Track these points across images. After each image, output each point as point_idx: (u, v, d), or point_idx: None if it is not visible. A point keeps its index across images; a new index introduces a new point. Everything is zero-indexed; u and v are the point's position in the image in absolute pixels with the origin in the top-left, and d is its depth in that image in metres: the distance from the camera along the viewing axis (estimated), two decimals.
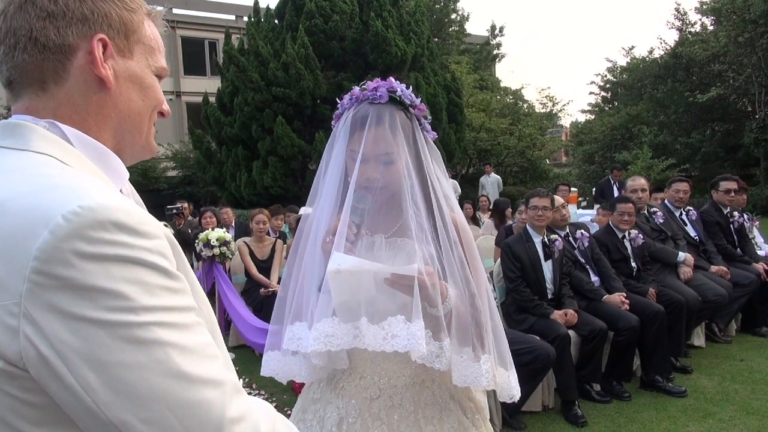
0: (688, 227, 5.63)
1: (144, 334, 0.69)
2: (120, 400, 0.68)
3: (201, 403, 0.72)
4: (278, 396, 4.37)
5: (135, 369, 0.69)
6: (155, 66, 0.92)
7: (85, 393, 0.68)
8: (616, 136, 19.54)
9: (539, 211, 4.18)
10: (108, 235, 0.69)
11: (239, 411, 0.75)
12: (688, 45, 17.08)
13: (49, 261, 0.67)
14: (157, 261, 0.73)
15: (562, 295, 4.20)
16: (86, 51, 0.83)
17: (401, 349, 1.39)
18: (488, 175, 15.12)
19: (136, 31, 0.89)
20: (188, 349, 0.73)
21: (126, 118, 0.89)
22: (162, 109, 0.96)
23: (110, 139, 0.89)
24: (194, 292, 0.83)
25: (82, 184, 0.74)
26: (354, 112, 1.55)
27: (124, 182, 0.91)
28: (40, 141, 0.80)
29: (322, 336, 1.42)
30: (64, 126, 0.83)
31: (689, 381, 4.41)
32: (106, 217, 0.70)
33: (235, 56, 13.30)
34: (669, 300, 4.54)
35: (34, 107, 0.84)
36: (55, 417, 0.72)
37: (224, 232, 5.71)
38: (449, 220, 1.55)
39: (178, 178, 21.00)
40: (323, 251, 1.49)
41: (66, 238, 0.67)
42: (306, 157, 13.22)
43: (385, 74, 1.84)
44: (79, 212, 0.68)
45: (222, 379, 0.75)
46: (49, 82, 0.84)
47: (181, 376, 0.71)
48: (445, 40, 25.95)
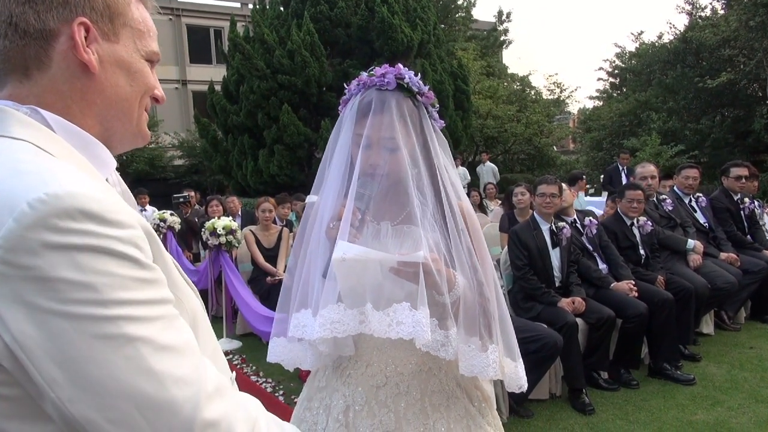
0: (698, 214, 5.58)
1: (112, 328, 0.67)
2: (85, 397, 0.66)
3: (171, 404, 0.69)
4: (285, 384, 4.39)
5: (102, 365, 0.66)
6: (145, 50, 0.89)
7: (49, 388, 0.66)
8: (624, 123, 19.37)
9: (547, 198, 4.15)
10: (75, 224, 0.66)
11: (214, 414, 0.72)
12: (698, 29, 16.84)
13: (14, 250, 0.64)
14: (128, 251, 0.70)
15: (569, 282, 4.18)
16: (68, 36, 0.80)
17: (406, 336, 1.37)
18: (484, 164, 15.13)
19: (121, 14, 0.85)
20: (160, 345, 0.70)
21: (113, 104, 0.86)
22: (155, 94, 0.92)
23: (96, 126, 0.86)
24: (173, 283, 0.80)
25: (51, 171, 0.71)
26: (361, 97, 1.53)
27: (110, 171, 0.88)
28: (17, 126, 0.77)
29: (327, 322, 1.41)
30: (45, 112, 0.81)
31: (698, 369, 4.39)
32: (74, 205, 0.67)
33: (241, 44, 13.24)
34: (678, 287, 4.51)
35: (17, 94, 0.82)
36: (26, 410, 0.70)
37: (230, 220, 5.71)
38: (457, 209, 1.53)
39: (184, 167, 21.04)
40: (328, 237, 1.48)
41: (31, 226, 0.65)
42: (312, 145, 13.19)
43: (392, 61, 1.81)
44: (45, 199, 0.66)
45: (197, 378, 0.72)
46: (32, 69, 0.81)
47: (151, 374, 0.68)
48: (451, 26, 25.73)
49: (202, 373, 0.73)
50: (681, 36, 17.77)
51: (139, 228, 0.74)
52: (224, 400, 0.75)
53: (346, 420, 1.52)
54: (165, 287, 0.75)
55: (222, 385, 0.76)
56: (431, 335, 1.40)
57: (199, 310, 0.88)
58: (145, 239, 0.74)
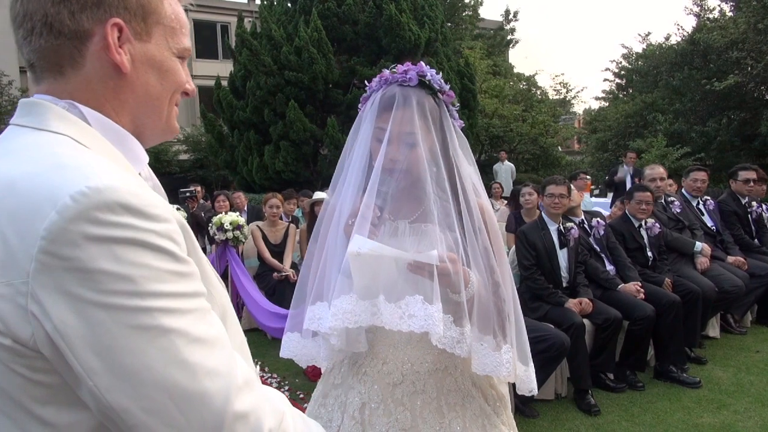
0: (705, 217, 5.57)
1: (148, 320, 0.68)
2: (121, 386, 0.67)
3: (203, 395, 0.70)
4: (290, 380, 4.40)
5: (137, 355, 0.67)
6: (177, 47, 0.90)
7: (87, 376, 0.67)
8: (630, 124, 19.30)
9: (555, 199, 4.15)
10: (115, 217, 0.68)
11: (244, 406, 0.73)
12: (706, 31, 16.75)
13: (56, 241, 0.66)
14: (165, 245, 0.71)
15: (576, 283, 4.18)
16: (101, 36, 0.81)
17: (417, 330, 1.38)
18: (502, 162, 15.04)
19: (154, 11, 0.85)
20: (194, 338, 0.71)
21: (144, 102, 0.87)
22: (186, 89, 0.94)
23: (129, 123, 0.87)
24: (206, 277, 0.81)
25: (91, 165, 0.72)
26: (383, 93, 1.53)
27: (143, 166, 0.90)
28: (56, 120, 0.79)
29: (340, 312, 1.42)
30: (83, 107, 0.82)
31: (704, 372, 4.38)
32: (114, 199, 0.68)
33: (248, 40, 13.23)
34: (685, 290, 4.51)
35: (53, 90, 0.83)
36: (62, 397, 0.72)
37: (237, 216, 5.72)
38: (475, 208, 1.53)
39: (190, 161, 21.07)
40: (345, 233, 1.48)
41: (73, 219, 0.66)
42: (318, 141, 13.18)
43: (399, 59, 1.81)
44: (86, 193, 0.67)
45: (228, 371, 0.73)
46: (67, 67, 0.82)
47: (184, 366, 0.69)
48: (458, 24, 25.68)
49: (232, 366, 0.74)
50: (689, 37, 17.69)
51: (175, 222, 0.75)
52: (253, 393, 0.76)
53: (362, 418, 1.53)
54: (199, 281, 0.76)
55: (251, 378, 0.77)
56: (446, 331, 1.41)
57: (228, 304, 0.89)
58: (181, 233, 0.75)
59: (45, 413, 0.72)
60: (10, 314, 0.67)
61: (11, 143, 0.79)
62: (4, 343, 0.69)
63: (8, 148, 0.78)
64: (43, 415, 0.72)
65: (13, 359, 0.70)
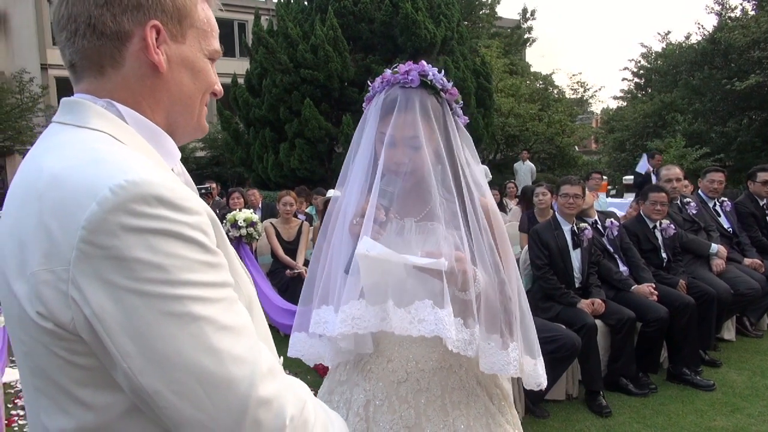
0: (722, 218, 5.49)
1: (179, 307, 0.71)
2: (153, 369, 0.71)
3: (229, 380, 0.73)
4: (302, 376, 4.43)
5: (169, 340, 0.71)
6: (208, 49, 0.94)
7: (121, 358, 0.71)
8: (648, 124, 19.09)
9: (570, 199, 4.13)
10: (151, 209, 0.71)
11: (268, 393, 0.76)
12: (728, 30, 16.50)
13: (96, 231, 0.69)
14: (197, 236, 0.75)
15: (589, 284, 4.15)
16: (140, 37, 0.85)
17: (428, 334, 1.39)
18: (523, 161, 14.95)
19: (189, 15, 0.90)
20: (222, 325, 0.74)
21: (178, 101, 0.91)
22: (214, 89, 0.97)
23: (163, 121, 0.91)
24: (233, 269, 0.84)
25: (128, 160, 0.76)
26: (385, 95, 1.54)
27: (176, 162, 0.94)
28: (96, 118, 0.83)
29: (349, 318, 1.43)
30: (120, 105, 0.86)
31: (718, 375, 4.33)
32: (150, 192, 0.72)
33: (264, 38, 13.31)
34: (700, 292, 4.46)
35: (93, 89, 0.87)
36: (99, 379, 0.76)
37: (251, 213, 5.77)
38: (480, 206, 1.54)
39: (206, 158, 21.24)
40: (351, 233, 1.49)
41: (112, 210, 0.70)
42: (333, 139, 13.23)
43: (414, 57, 1.82)
44: (124, 185, 0.71)
45: (253, 358, 0.76)
46: (107, 67, 0.86)
47: (213, 352, 0.72)
48: (475, 23, 25.58)
49: (257, 354, 0.77)
50: (709, 37, 17.45)
51: (206, 215, 0.79)
52: (277, 381, 0.79)
53: (366, 414, 1.54)
54: (227, 271, 0.80)
55: (275, 366, 0.81)
56: (458, 334, 1.42)
57: (254, 295, 0.93)
58: (211, 225, 0.79)
59: (83, 394, 0.76)
60: (52, 299, 0.72)
61: (54, 139, 0.83)
62: (47, 326, 0.73)
63: (51, 144, 0.83)
64: (81, 396, 0.76)
65: (54, 342, 0.74)
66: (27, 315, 0.74)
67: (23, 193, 0.79)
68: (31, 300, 0.73)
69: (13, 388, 4.23)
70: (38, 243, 0.73)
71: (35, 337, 0.75)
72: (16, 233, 0.77)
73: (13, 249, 0.77)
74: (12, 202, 0.81)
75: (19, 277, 0.75)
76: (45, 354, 0.76)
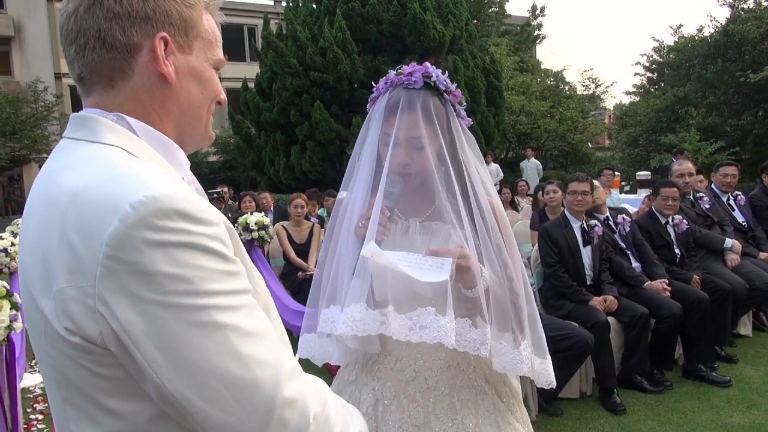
0: (736, 212, 5.44)
1: (204, 316, 0.74)
2: (181, 377, 0.73)
3: (255, 383, 0.76)
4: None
5: (196, 349, 0.73)
6: (213, 59, 0.96)
7: (151, 369, 0.73)
8: (661, 119, 18.88)
9: (578, 196, 4.11)
10: (171, 223, 0.73)
11: (292, 393, 0.78)
12: (741, 22, 16.29)
13: (120, 247, 0.71)
14: (217, 247, 0.77)
15: (601, 281, 4.13)
16: (149, 49, 0.87)
17: (429, 341, 1.40)
18: (528, 159, 14.89)
19: (194, 26, 0.91)
20: (245, 331, 0.77)
21: (186, 110, 0.93)
22: (219, 98, 0.99)
23: (172, 131, 0.93)
24: (250, 275, 0.86)
25: (146, 174, 0.78)
26: (389, 97, 1.55)
27: (186, 171, 0.96)
28: (108, 133, 0.85)
29: (350, 320, 1.44)
30: (130, 119, 0.87)
31: (734, 371, 4.29)
32: (169, 206, 0.74)
33: (274, 41, 13.37)
34: (714, 287, 4.41)
35: (103, 102, 0.89)
36: (126, 389, 0.78)
37: (263, 216, 5.80)
38: (486, 206, 1.54)
39: (218, 163, 21.39)
40: (356, 236, 1.51)
41: (134, 225, 0.72)
42: (343, 141, 13.25)
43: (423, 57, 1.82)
44: (145, 201, 0.73)
45: (276, 361, 0.78)
46: (116, 79, 0.88)
47: (238, 357, 0.75)
48: (484, 21, 25.51)
49: (280, 356, 0.80)
50: (722, 29, 17.24)
51: (223, 225, 0.80)
52: (300, 381, 0.81)
53: (375, 414, 1.55)
54: (245, 279, 0.82)
55: (297, 367, 0.83)
56: (466, 334, 1.43)
57: (270, 300, 0.94)
58: (228, 235, 0.81)
59: (111, 404, 0.79)
60: (80, 315, 0.74)
61: (69, 156, 0.85)
62: (74, 341, 0.75)
63: (67, 161, 0.84)
64: (110, 405, 0.79)
65: (82, 356, 0.76)
66: (54, 330, 0.77)
67: (44, 211, 0.81)
68: (58, 316, 0.75)
69: (31, 392, 4.30)
70: (63, 260, 0.74)
71: (63, 351, 0.77)
72: (39, 251, 0.79)
73: (36, 266, 0.79)
74: (31, 219, 0.83)
75: (45, 293, 0.77)
76: (73, 366, 0.78)
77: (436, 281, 1.39)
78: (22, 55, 23.42)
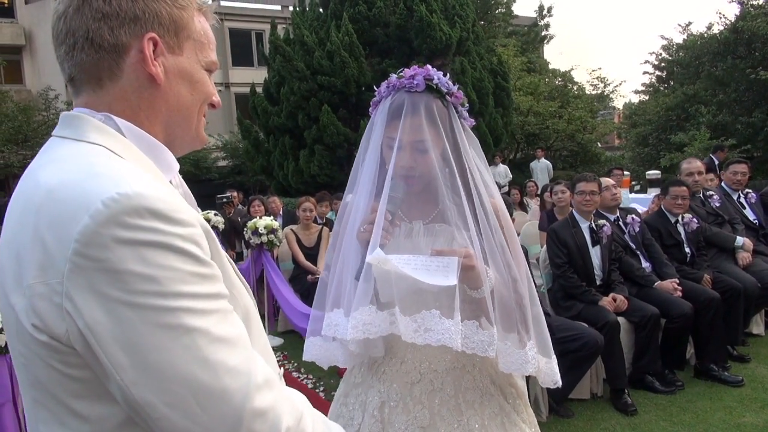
0: (747, 210, 5.39)
1: (172, 319, 0.72)
2: (146, 381, 0.71)
3: (223, 392, 0.73)
4: (325, 380, 4.46)
5: (162, 352, 0.71)
6: (205, 61, 0.95)
7: (114, 371, 0.72)
8: (671, 117, 18.75)
9: (586, 196, 4.09)
10: (143, 221, 0.72)
11: (263, 404, 0.76)
12: (751, 19, 16.15)
13: (89, 244, 0.70)
14: (189, 248, 0.75)
15: (611, 281, 4.11)
16: (138, 49, 0.87)
17: (434, 343, 1.40)
18: (539, 160, 14.83)
19: (185, 27, 0.91)
20: (215, 337, 0.75)
21: (175, 112, 0.92)
22: (212, 101, 0.98)
23: (161, 132, 0.92)
24: (228, 280, 0.84)
25: (122, 173, 0.77)
26: (391, 100, 1.56)
27: (174, 174, 0.95)
28: (93, 132, 0.84)
29: (360, 324, 1.45)
30: (118, 119, 0.87)
31: (747, 370, 4.25)
32: (142, 204, 0.73)
33: (281, 46, 13.43)
34: (726, 286, 4.38)
35: (92, 102, 0.89)
36: (94, 391, 0.76)
37: (272, 220, 5.83)
38: (489, 207, 1.55)
39: (228, 167, 21.47)
40: (359, 240, 1.51)
41: (104, 223, 0.71)
42: (351, 144, 13.26)
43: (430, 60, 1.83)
44: (117, 198, 0.72)
45: (248, 370, 0.76)
46: (105, 79, 0.88)
47: (206, 363, 0.73)
48: (491, 22, 25.46)
49: (252, 365, 0.77)
50: (732, 26, 17.09)
51: (199, 227, 0.79)
52: (272, 392, 0.79)
53: (382, 416, 1.56)
54: (221, 283, 0.80)
55: (271, 377, 0.80)
56: (474, 336, 1.43)
57: (252, 307, 0.92)
58: (204, 237, 0.80)
59: (79, 406, 0.77)
60: (47, 312, 0.73)
61: (52, 153, 0.85)
62: (42, 339, 0.74)
63: (49, 158, 0.84)
64: (77, 408, 0.77)
65: (50, 355, 0.75)
66: (24, 327, 0.75)
67: (21, 207, 0.80)
68: (27, 312, 0.74)
69: None
70: (34, 256, 0.73)
71: (32, 349, 0.76)
72: (14, 246, 0.78)
73: (10, 262, 0.78)
74: (11, 215, 0.83)
75: (15, 289, 0.76)
76: (42, 366, 0.77)
77: (445, 285, 1.39)
78: (34, 64, 23.67)
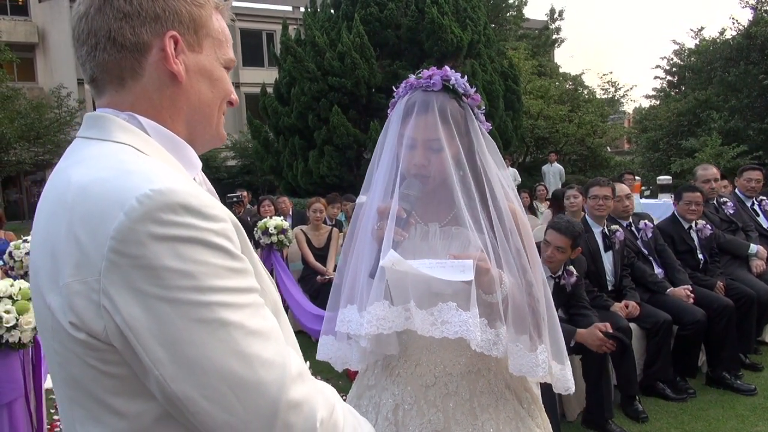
0: (761, 218, 5.33)
1: (208, 313, 0.72)
2: (185, 376, 0.72)
3: (259, 384, 0.74)
4: (334, 381, 4.44)
5: (199, 347, 0.72)
6: (223, 58, 0.95)
7: (154, 366, 0.72)
8: (682, 122, 18.64)
9: (600, 201, 4.06)
10: (177, 217, 0.73)
11: (298, 396, 0.76)
12: (764, 24, 16.05)
13: (124, 241, 0.71)
14: (222, 243, 0.76)
15: (623, 287, 4.07)
16: (159, 48, 0.87)
17: (451, 336, 1.39)
18: (551, 164, 14.78)
19: (204, 25, 0.91)
20: (250, 330, 0.75)
21: (197, 109, 0.93)
22: (231, 98, 0.99)
23: (183, 130, 0.93)
24: (258, 274, 0.85)
25: (153, 170, 0.78)
26: (407, 99, 1.55)
27: (197, 171, 0.96)
28: (119, 131, 0.85)
29: (374, 319, 1.44)
30: (142, 118, 0.88)
31: (759, 379, 4.20)
32: (175, 200, 0.73)
33: (292, 47, 13.48)
34: (739, 294, 4.33)
35: (115, 102, 0.89)
36: (131, 388, 0.77)
37: (282, 220, 5.83)
38: (505, 210, 1.53)
39: (237, 167, 21.58)
40: (374, 238, 1.51)
41: (139, 219, 0.71)
42: (361, 146, 13.29)
43: (441, 62, 1.83)
44: (150, 195, 0.72)
45: (282, 363, 0.77)
46: (127, 79, 0.88)
47: (242, 356, 0.73)
48: (502, 25, 25.45)
49: (286, 358, 0.78)
50: (744, 31, 17.00)
51: (230, 222, 0.80)
52: (306, 384, 0.80)
53: (396, 419, 1.55)
54: (252, 277, 0.81)
55: (304, 370, 0.81)
56: (482, 335, 1.41)
57: (279, 301, 0.93)
58: (235, 232, 0.80)
59: (116, 403, 0.77)
60: (85, 309, 0.73)
61: (80, 153, 0.85)
62: (80, 337, 0.75)
63: (78, 158, 0.84)
64: (115, 405, 0.78)
65: (87, 353, 0.76)
66: (60, 326, 0.76)
67: (53, 207, 0.81)
68: (64, 311, 0.75)
69: (55, 394, 4.35)
70: (69, 254, 0.74)
71: (69, 347, 0.77)
72: (48, 246, 0.78)
73: (45, 261, 0.78)
74: (40, 216, 0.84)
75: (52, 288, 0.77)
76: (78, 364, 0.77)
77: (462, 280, 1.38)
78: (46, 62, 23.89)
